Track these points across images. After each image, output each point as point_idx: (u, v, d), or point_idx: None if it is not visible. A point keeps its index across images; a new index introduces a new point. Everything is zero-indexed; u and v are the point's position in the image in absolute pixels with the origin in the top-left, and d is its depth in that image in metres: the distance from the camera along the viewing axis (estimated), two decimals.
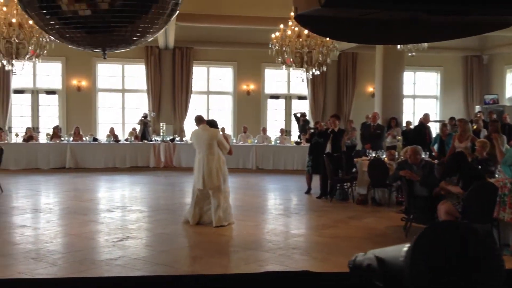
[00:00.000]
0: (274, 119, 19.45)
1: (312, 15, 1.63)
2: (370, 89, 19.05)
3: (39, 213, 9.19)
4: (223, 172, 8.15)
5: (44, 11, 2.47)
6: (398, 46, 13.77)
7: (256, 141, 16.59)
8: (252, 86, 18.93)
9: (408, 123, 15.65)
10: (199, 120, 8.41)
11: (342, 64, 18.97)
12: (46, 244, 6.95)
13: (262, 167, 16.01)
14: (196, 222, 8.14)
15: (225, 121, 18.75)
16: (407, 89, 17.46)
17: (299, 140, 16.34)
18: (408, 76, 18.47)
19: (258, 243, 7.27)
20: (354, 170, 11.10)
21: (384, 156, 10.82)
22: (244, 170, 15.66)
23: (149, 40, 2.98)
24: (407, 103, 18.07)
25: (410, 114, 19.21)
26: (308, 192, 11.52)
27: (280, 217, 9.13)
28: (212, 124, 8.40)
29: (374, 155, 10.76)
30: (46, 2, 2.45)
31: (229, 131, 17.82)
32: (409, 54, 14.44)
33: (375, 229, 8.25)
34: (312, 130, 11.95)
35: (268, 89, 19.33)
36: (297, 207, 10.25)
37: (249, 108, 18.87)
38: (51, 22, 2.52)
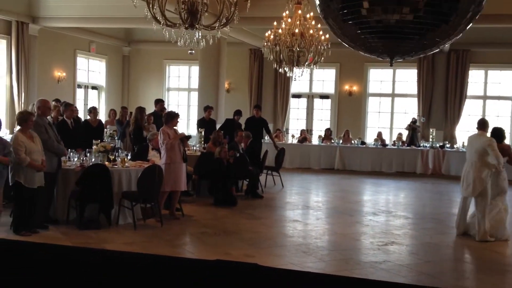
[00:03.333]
0: None
1: None
2: None
3: (310, 210, 9.81)
4: (493, 183, 7.54)
5: (344, 18, 2.62)
6: None
7: None
8: None
9: None
10: (481, 124, 7.93)
11: None
12: (315, 240, 7.38)
13: None
14: (461, 232, 7.72)
15: (505, 128, 17.17)
16: None
17: None
18: None
19: None
20: None
21: None
22: None
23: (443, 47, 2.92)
24: None
25: None
26: None
27: None
28: (496, 133, 7.80)
29: None
30: (347, 9, 2.59)
31: (508, 140, 16.25)
32: None
33: None
34: None
35: None
36: None
37: None
38: (349, 29, 2.66)
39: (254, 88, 19.14)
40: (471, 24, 2.69)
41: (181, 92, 20.56)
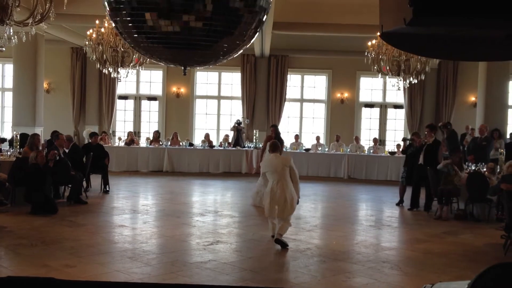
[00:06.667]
0: (368, 128, 19.07)
1: (397, 33, 1.63)
2: (472, 98, 18.15)
3: (137, 214, 9.63)
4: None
5: (130, 24, 2.60)
6: None
7: (348, 150, 16.34)
8: (346, 94, 18.70)
9: None
10: (276, 147, 7.56)
11: (442, 72, 18.20)
12: (142, 244, 7.27)
13: (354, 177, 15.73)
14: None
15: (318, 129, 18.68)
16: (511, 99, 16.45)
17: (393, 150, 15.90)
18: None
19: (347, 254, 7.15)
20: None
21: (485, 169, 10.26)
22: (335, 179, 15.49)
23: (232, 58, 3.04)
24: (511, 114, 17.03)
25: None
26: (399, 203, 11.22)
27: (370, 229, 8.92)
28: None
29: (473, 168, 10.23)
30: (133, 16, 2.58)
31: (322, 139, 17.69)
32: None
33: (472, 246, 7.83)
34: (409, 142, 11.64)
35: (363, 97, 18.98)
36: (389, 219, 9.96)
37: (343, 116, 18.64)
38: (135, 36, 2.64)
39: (77, 89, 18.26)
40: (257, 34, 2.86)
41: None
